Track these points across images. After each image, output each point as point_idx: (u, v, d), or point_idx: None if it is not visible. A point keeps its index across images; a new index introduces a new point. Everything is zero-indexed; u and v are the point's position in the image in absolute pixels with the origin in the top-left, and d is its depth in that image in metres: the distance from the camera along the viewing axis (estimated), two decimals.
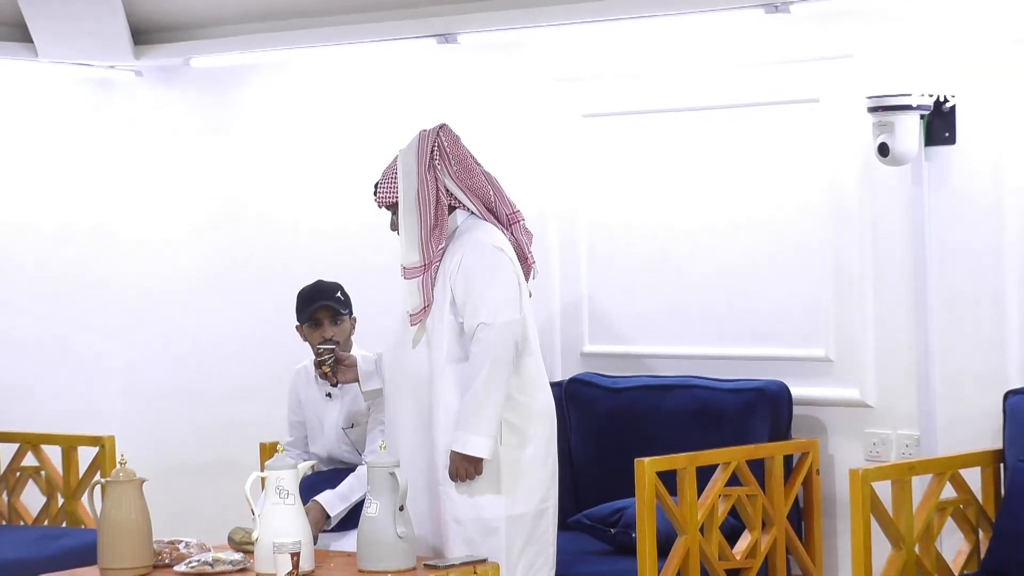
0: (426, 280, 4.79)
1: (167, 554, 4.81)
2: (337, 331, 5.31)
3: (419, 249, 4.80)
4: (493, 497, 4.79)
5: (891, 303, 5.41)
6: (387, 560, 4.61)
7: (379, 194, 4.94)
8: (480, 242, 4.82)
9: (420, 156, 4.86)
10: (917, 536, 4.83)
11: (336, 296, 5.38)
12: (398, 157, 4.91)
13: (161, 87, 6.91)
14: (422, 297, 4.79)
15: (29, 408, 6.59)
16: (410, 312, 4.81)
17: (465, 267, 4.77)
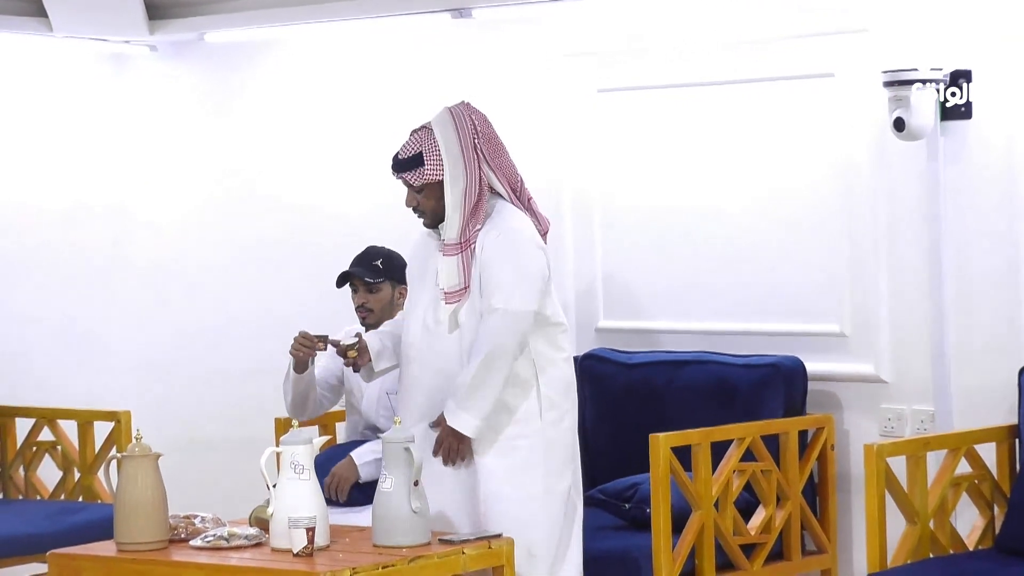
0: (465, 259, 4.79)
1: (183, 529, 4.82)
2: (372, 299, 5.39)
3: (459, 228, 4.80)
4: (534, 472, 4.80)
5: (906, 278, 5.40)
6: (402, 535, 4.62)
7: (421, 172, 4.80)
8: (514, 229, 4.81)
9: (462, 135, 4.84)
10: (932, 511, 4.83)
11: (372, 264, 5.43)
12: (435, 134, 4.84)
13: (175, 62, 6.91)
14: (461, 277, 4.79)
15: (45, 384, 6.61)
16: (446, 290, 4.80)
17: (494, 252, 4.77)
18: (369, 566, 4.45)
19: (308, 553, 4.54)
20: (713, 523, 5.05)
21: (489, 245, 4.77)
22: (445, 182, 4.80)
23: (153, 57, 6.92)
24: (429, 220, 4.89)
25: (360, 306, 5.41)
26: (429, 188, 4.83)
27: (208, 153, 6.89)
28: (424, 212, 4.88)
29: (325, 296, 6.48)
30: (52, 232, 6.78)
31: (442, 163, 4.81)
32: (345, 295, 5.61)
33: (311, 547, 4.54)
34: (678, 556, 4.98)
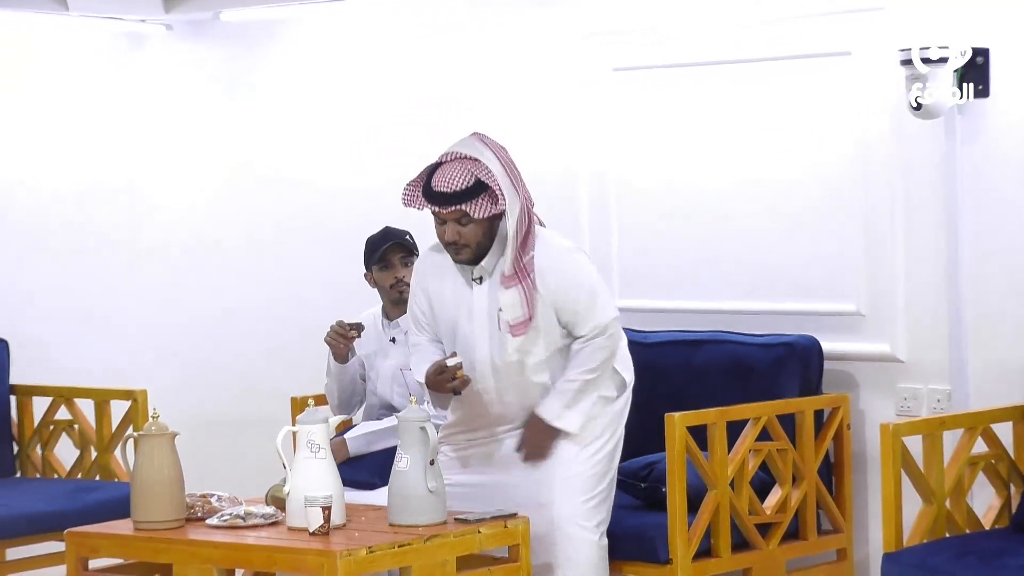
0: (527, 289, 4.70)
1: (199, 507, 4.84)
2: (408, 273, 5.36)
3: (512, 259, 4.69)
4: (602, 445, 4.88)
5: (922, 257, 5.39)
6: (418, 514, 4.63)
7: (486, 202, 4.63)
8: (563, 249, 4.80)
9: (504, 163, 4.71)
10: (948, 491, 4.83)
11: (406, 238, 5.43)
12: (484, 162, 4.65)
13: (191, 41, 6.91)
14: (524, 308, 4.70)
15: (62, 363, 6.63)
16: (512, 323, 4.71)
17: (558, 280, 4.73)
18: (385, 545, 4.47)
19: (324, 532, 4.55)
20: (729, 502, 5.05)
21: (550, 274, 4.72)
22: (507, 210, 4.65)
23: (169, 36, 6.92)
24: (471, 255, 4.73)
25: (399, 280, 5.38)
26: (478, 222, 4.67)
27: (224, 133, 6.89)
28: (468, 246, 4.72)
29: (341, 276, 6.49)
30: (68, 212, 6.79)
31: (503, 192, 4.65)
32: (359, 276, 5.60)
33: (327, 526, 4.55)
34: (694, 535, 4.98)
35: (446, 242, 4.74)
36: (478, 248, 4.73)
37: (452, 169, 4.68)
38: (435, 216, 4.73)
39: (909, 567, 4.56)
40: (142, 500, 4.72)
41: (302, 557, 4.45)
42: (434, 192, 4.68)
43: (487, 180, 4.65)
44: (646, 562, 4.97)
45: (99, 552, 4.85)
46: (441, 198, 4.68)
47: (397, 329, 5.46)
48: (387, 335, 5.49)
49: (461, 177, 4.66)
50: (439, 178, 4.68)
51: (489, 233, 4.73)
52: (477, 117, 6.23)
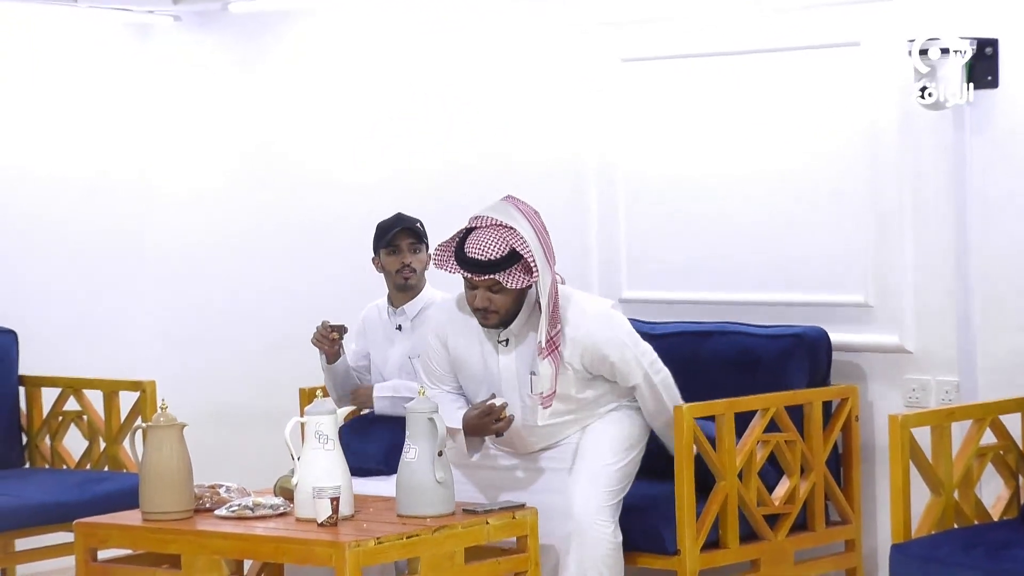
0: (555, 362, 4.75)
1: (208, 498, 4.84)
2: (415, 259, 5.38)
3: (546, 330, 4.71)
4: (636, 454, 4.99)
5: (931, 248, 5.38)
6: (426, 505, 4.63)
7: (520, 272, 4.66)
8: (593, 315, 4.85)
9: (538, 232, 4.72)
10: (956, 482, 4.82)
11: (416, 225, 5.43)
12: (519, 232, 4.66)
13: (199, 32, 6.91)
14: (552, 383, 4.75)
15: (70, 355, 6.63)
16: (544, 394, 4.78)
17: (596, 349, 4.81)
18: (393, 536, 4.47)
19: (332, 523, 4.55)
20: (737, 493, 5.05)
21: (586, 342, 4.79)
22: (540, 281, 4.65)
23: (177, 27, 6.92)
24: (499, 320, 4.77)
25: (405, 265, 5.39)
26: (508, 291, 4.71)
27: (232, 125, 6.89)
28: (497, 312, 4.74)
29: (349, 268, 6.49)
30: (77, 203, 6.79)
31: (536, 262, 4.65)
32: (368, 266, 5.60)
33: (335, 517, 4.56)
34: (702, 526, 4.98)
35: (475, 307, 4.76)
36: (506, 316, 4.78)
37: (486, 236, 4.68)
38: (466, 281, 4.75)
39: (917, 558, 4.56)
40: (151, 491, 4.73)
41: (310, 548, 4.46)
42: (468, 258, 4.68)
43: (522, 251, 4.65)
44: (654, 553, 4.97)
45: (108, 543, 4.86)
46: (475, 266, 4.68)
47: (403, 316, 5.47)
48: (393, 323, 5.50)
49: (496, 246, 4.66)
50: (473, 244, 4.69)
51: (518, 300, 4.76)
52: (486, 107, 6.25)
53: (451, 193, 6.27)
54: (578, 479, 4.86)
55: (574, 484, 4.85)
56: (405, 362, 5.46)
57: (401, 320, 5.47)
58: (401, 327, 5.47)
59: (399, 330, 5.47)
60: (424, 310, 5.44)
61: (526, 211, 4.73)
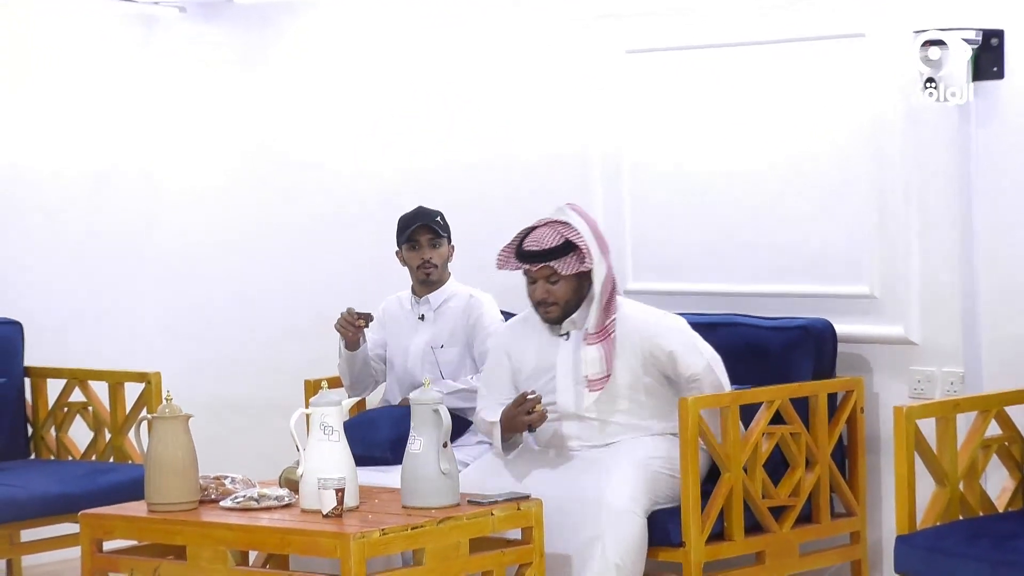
0: (607, 348, 4.96)
1: (213, 489, 4.85)
2: (435, 254, 5.44)
3: (597, 318, 4.96)
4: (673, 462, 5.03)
5: (936, 239, 5.38)
6: (431, 496, 4.64)
7: (575, 259, 4.94)
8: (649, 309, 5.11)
9: (593, 231, 4.99)
10: (962, 473, 4.82)
11: (436, 219, 5.46)
12: (574, 226, 4.95)
13: (204, 24, 6.90)
14: (603, 365, 4.95)
15: (76, 346, 6.64)
16: (590, 377, 4.95)
17: (650, 329, 5.02)
18: (398, 527, 4.47)
19: (338, 514, 4.56)
20: (742, 486, 5.05)
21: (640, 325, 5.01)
22: (594, 272, 4.95)
23: (182, 19, 6.92)
24: (560, 312, 5.01)
25: (426, 261, 5.43)
26: (566, 280, 4.96)
27: (238, 116, 6.89)
28: (556, 304, 5.00)
29: (355, 259, 6.50)
30: (83, 196, 6.79)
31: (591, 253, 4.93)
32: (373, 259, 5.62)
33: (340, 508, 4.56)
34: (707, 518, 4.98)
35: (536, 301, 5.02)
36: (566, 306, 5.02)
37: (543, 231, 4.99)
38: (526, 276, 5.01)
39: (922, 550, 4.56)
40: (156, 482, 4.73)
41: (315, 539, 4.46)
42: (525, 251, 4.97)
43: (575, 240, 4.95)
44: (659, 545, 4.96)
45: (113, 534, 4.86)
46: (531, 256, 4.97)
47: (427, 306, 5.50)
48: (416, 312, 5.51)
49: (551, 237, 4.97)
50: (530, 239, 5.00)
51: (577, 293, 5.01)
52: (490, 101, 6.24)
53: (456, 186, 6.27)
54: (619, 464, 4.91)
55: (614, 468, 4.90)
56: (427, 352, 5.47)
57: (424, 310, 5.49)
58: (424, 316, 5.49)
59: (422, 319, 5.49)
60: (447, 301, 5.47)
61: (583, 213, 5.04)
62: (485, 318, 5.44)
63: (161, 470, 4.72)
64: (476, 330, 5.44)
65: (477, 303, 5.47)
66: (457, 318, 5.47)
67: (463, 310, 5.46)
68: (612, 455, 4.97)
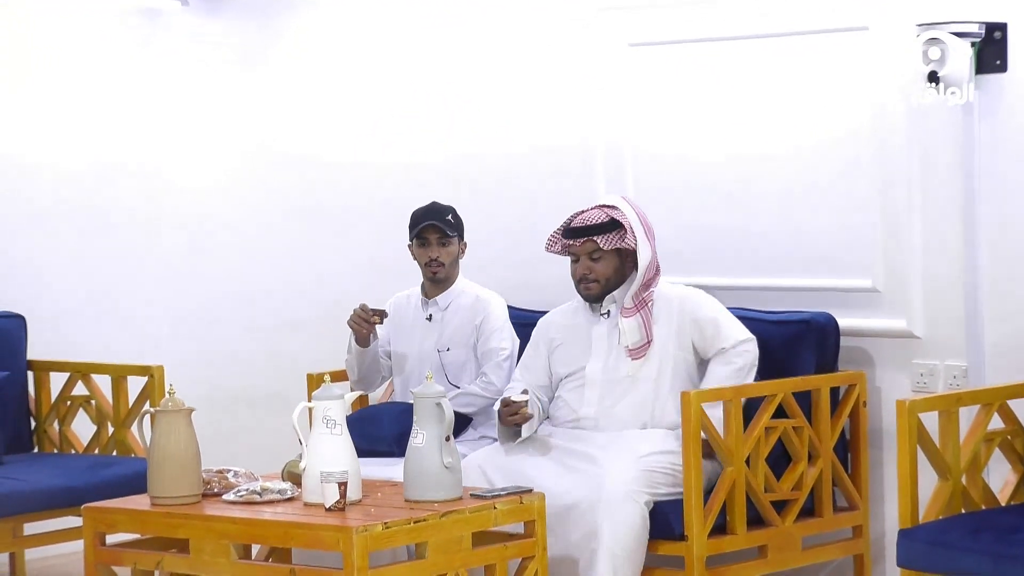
0: (645, 316, 5.07)
1: (216, 483, 4.85)
2: (443, 252, 5.42)
3: (634, 293, 5.10)
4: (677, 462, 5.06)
5: (939, 233, 5.37)
6: (433, 490, 4.64)
7: (619, 235, 5.08)
8: (690, 289, 5.26)
9: (641, 217, 5.15)
10: (964, 467, 4.82)
11: (446, 218, 5.46)
12: (621, 210, 5.11)
13: (207, 17, 6.90)
14: (643, 332, 5.09)
15: (79, 339, 6.64)
16: (631, 347, 5.08)
17: (689, 300, 5.18)
18: (401, 520, 4.48)
19: (340, 507, 4.56)
20: (744, 480, 5.05)
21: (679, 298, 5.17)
22: (639, 251, 5.10)
23: (184, 12, 6.91)
24: (600, 289, 5.14)
25: (433, 260, 5.43)
26: (608, 257, 5.12)
27: (240, 110, 6.89)
28: (597, 281, 5.13)
29: (357, 253, 6.50)
30: (85, 189, 6.79)
31: (635, 234, 5.09)
32: (377, 252, 5.61)
33: (343, 501, 4.56)
34: (709, 512, 4.98)
35: (578, 278, 5.16)
36: (606, 284, 5.14)
37: (591, 212, 5.17)
38: (571, 255, 5.15)
39: (925, 543, 4.56)
40: (159, 475, 4.74)
41: (318, 533, 4.46)
42: (571, 228, 5.14)
43: (620, 219, 5.12)
44: (661, 538, 4.97)
45: (116, 527, 4.87)
46: (576, 231, 5.13)
47: (435, 307, 5.48)
48: (424, 313, 5.50)
49: (597, 216, 5.14)
50: (578, 219, 5.15)
51: (619, 272, 5.15)
52: (493, 94, 6.24)
53: (458, 182, 6.27)
54: (619, 456, 4.92)
55: (615, 459, 4.91)
56: (432, 355, 5.45)
57: (433, 311, 5.49)
58: (431, 317, 5.47)
59: (429, 320, 5.48)
60: (455, 302, 5.45)
61: (632, 202, 5.21)
62: (491, 318, 5.42)
63: (164, 464, 4.73)
64: (480, 330, 5.43)
65: (483, 304, 5.45)
66: (463, 319, 5.45)
67: (469, 310, 5.45)
68: (612, 449, 4.97)
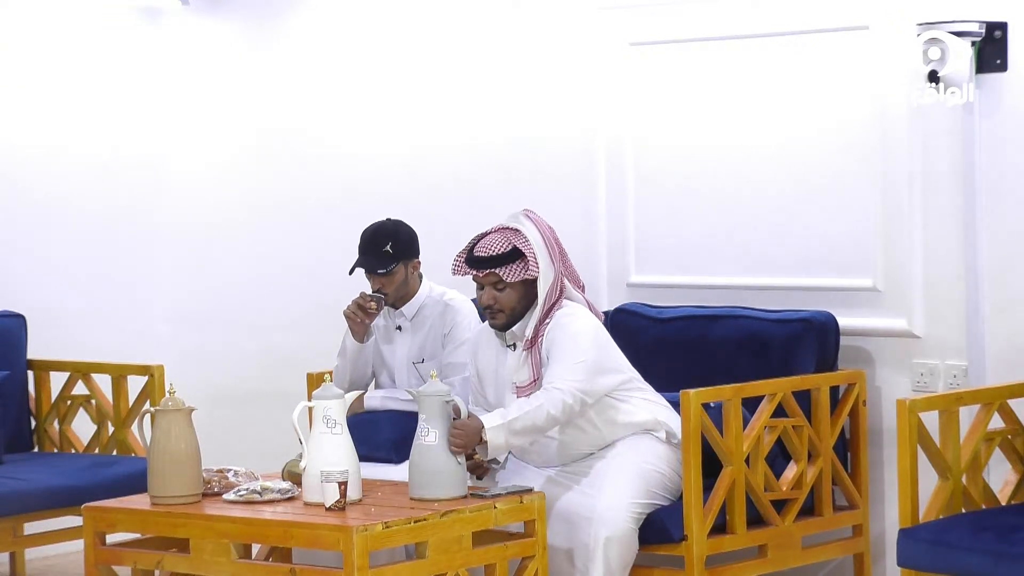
0: (534, 357, 4.91)
1: (216, 482, 4.85)
2: (386, 281, 5.38)
3: (535, 326, 4.91)
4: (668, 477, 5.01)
5: (940, 232, 5.37)
6: (440, 488, 4.64)
7: (521, 266, 4.87)
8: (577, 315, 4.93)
9: (544, 237, 4.93)
10: (964, 466, 4.82)
11: (382, 252, 5.37)
12: (523, 233, 4.88)
13: (207, 15, 6.90)
14: (531, 372, 4.91)
15: (79, 339, 6.64)
16: (518, 384, 4.93)
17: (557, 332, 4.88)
18: (401, 520, 4.47)
19: (340, 507, 4.56)
20: (744, 479, 5.05)
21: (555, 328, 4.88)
22: (539, 279, 4.89)
23: (185, 11, 6.91)
24: (506, 319, 4.94)
25: (377, 290, 5.38)
26: (512, 287, 4.90)
27: (241, 107, 6.89)
28: (502, 311, 4.92)
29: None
30: (85, 188, 6.80)
31: (537, 260, 4.89)
32: None
33: (343, 501, 4.56)
34: (709, 512, 4.98)
35: (483, 306, 4.96)
36: (512, 314, 4.94)
37: (493, 237, 4.94)
38: (475, 281, 4.96)
39: (925, 543, 4.56)
40: (159, 475, 4.74)
41: (318, 532, 4.46)
42: (474, 257, 4.94)
43: (523, 248, 4.89)
44: (660, 543, 4.96)
45: (116, 527, 4.87)
46: (478, 262, 4.92)
47: (402, 317, 5.45)
48: (392, 323, 5.48)
49: (499, 244, 4.91)
50: (480, 246, 4.95)
51: (525, 301, 4.94)
52: (494, 92, 6.24)
53: (458, 177, 6.27)
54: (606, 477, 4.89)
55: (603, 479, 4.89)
56: (411, 367, 5.44)
57: (400, 321, 5.45)
58: (401, 327, 5.45)
59: (399, 330, 5.46)
60: (422, 310, 5.43)
61: (537, 220, 4.97)
62: (458, 329, 5.37)
63: (164, 463, 4.72)
64: (448, 340, 5.40)
65: (452, 312, 5.40)
66: (433, 330, 5.41)
67: (439, 319, 5.41)
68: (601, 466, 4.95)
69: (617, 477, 4.87)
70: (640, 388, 5.07)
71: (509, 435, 4.77)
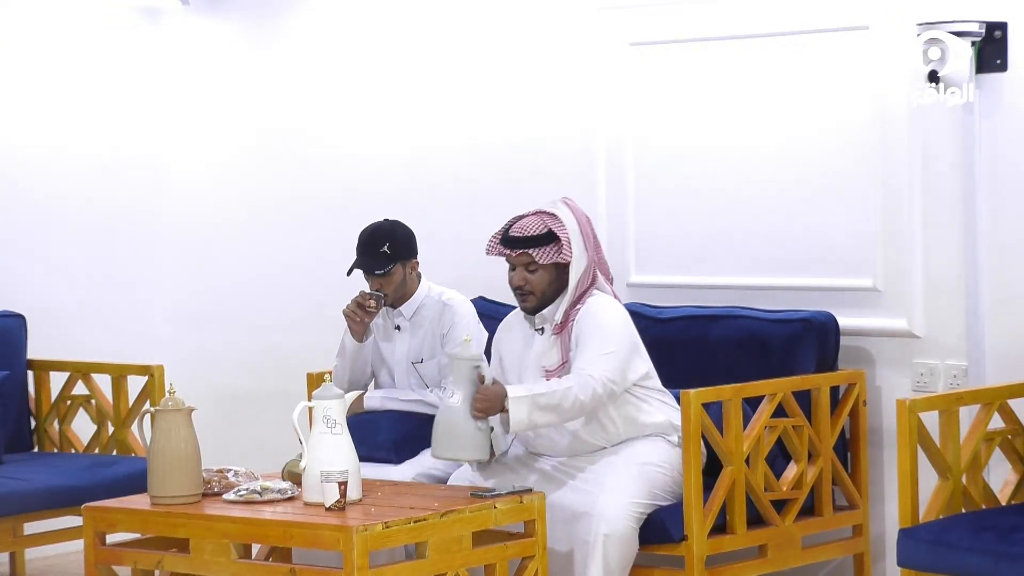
0: (563, 340, 4.93)
1: (216, 482, 4.85)
2: (384, 282, 5.38)
3: (565, 310, 4.94)
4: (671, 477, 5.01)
5: (940, 232, 5.37)
6: (465, 449, 4.77)
7: (555, 249, 4.89)
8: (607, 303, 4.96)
9: (581, 225, 4.96)
10: (964, 466, 4.82)
11: (379, 253, 5.38)
12: (560, 218, 4.90)
13: (207, 15, 6.90)
14: (559, 356, 4.93)
15: (79, 339, 6.64)
16: (547, 368, 4.95)
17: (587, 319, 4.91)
18: (401, 520, 4.48)
19: (340, 507, 4.56)
20: (744, 479, 5.05)
21: (585, 315, 4.91)
22: (572, 264, 4.91)
23: (185, 11, 6.91)
24: (536, 302, 4.96)
25: (375, 291, 5.40)
26: (545, 269, 4.93)
27: (240, 106, 6.89)
28: (533, 293, 4.95)
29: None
30: (85, 188, 6.80)
31: (571, 245, 4.91)
32: None
33: (343, 501, 4.56)
34: (709, 512, 4.98)
35: (514, 287, 4.98)
36: (542, 297, 4.97)
37: (529, 219, 4.98)
38: (508, 262, 4.98)
39: (925, 543, 4.56)
40: (159, 475, 4.74)
41: (318, 532, 4.46)
42: (508, 237, 4.97)
43: (558, 231, 4.92)
44: (660, 543, 4.96)
45: (116, 527, 4.87)
46: (512, 242, 4.95)
47: (401, 317, 5.45)
48: (392, 322, 5.48)
49: (535, 226, 4.95)
50: (517, 226, 4.97)
51: (556, 285, 4.96)
52: (495, 90, 6.24)
53: (460, 176, 6.27)
54: (609, 475, 4.90)
55: (605, 477, 4.89)
56: (410, 367, 5.44)
57: (399, 320, 5.45)
58: (400, 327, 5.45)
59: (398, 330, 5.46)
60: (420, 310, 5.43)
61: (575, 208, 5.00)
62: (456, 329, 5.38)
63: (164, 463, 4.73)
64: (446, 340, 5.40)
65: (450, 312, 5.40)
66: (431, 328, 5.41)
67: (436, 319, 5.41)
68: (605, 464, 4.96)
69: (620, 476, 4.88)
70: (660, 389, 5.09)
71: (532, 408, 4.77)
